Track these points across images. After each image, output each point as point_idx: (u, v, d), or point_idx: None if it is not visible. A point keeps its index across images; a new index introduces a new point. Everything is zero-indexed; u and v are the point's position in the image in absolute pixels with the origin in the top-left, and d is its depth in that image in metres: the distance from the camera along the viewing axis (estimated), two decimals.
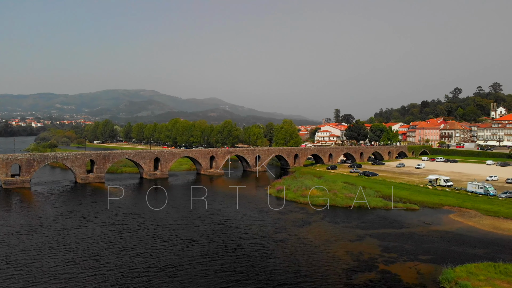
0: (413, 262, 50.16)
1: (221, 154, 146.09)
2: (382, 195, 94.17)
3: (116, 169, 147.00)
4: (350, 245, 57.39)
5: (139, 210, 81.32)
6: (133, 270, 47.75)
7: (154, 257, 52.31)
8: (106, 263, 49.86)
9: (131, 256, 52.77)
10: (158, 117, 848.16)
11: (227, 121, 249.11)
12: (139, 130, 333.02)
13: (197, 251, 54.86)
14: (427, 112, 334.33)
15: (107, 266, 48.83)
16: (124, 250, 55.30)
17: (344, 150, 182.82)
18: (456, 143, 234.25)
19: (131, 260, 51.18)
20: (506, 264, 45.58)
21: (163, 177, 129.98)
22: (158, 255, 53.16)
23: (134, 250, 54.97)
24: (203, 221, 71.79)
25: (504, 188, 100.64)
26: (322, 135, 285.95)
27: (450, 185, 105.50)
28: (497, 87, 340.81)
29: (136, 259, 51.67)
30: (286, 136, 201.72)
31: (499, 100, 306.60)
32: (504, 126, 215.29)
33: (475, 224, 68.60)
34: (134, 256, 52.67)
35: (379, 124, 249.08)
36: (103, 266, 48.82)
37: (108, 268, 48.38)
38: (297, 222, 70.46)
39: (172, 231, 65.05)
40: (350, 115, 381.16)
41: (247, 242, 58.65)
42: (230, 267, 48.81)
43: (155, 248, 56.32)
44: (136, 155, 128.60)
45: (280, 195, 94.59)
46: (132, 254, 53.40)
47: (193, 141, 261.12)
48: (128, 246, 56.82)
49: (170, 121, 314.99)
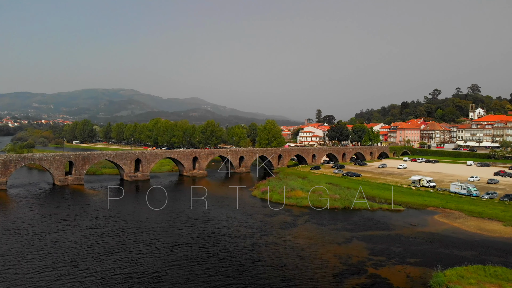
0: (402, 265, 49.51)
1: (204, 155, 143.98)
2: (367, 196, 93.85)
3: (96, 171, 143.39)
4: (337, 248, 56.47)
5: (120, 213, 78.85)
6: (114, 275, 45.79)
7: (136, 262, 50.33)
8: (85, 269, 47.76)
9: (112, 261, 50.72)
10: (138, 117, 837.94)
11: (210, 121, 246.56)
12: (119, 130, 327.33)
13: (181, 255, 53.12)
14: (407, 113, 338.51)
15: (86, 272, 46.78)
16: (104, 254, 53.20)
17: (327, 150, 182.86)
18: (436, 144, 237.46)
19: (112, 265, 49.11)
20: (495, 266, 45.21)
21: (144, 178, 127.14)
22: (140, 260, 51.19)
23: (114, 255, 52.84)
24: (187, 224, 69.93)
25: (486, 188, 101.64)
26: (305, 136, 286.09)
27: (433, 186, 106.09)
28: (475, 88, 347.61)
29: (117, 264, 49.65)
30: (270, 137, 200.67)
31: (477, 101, 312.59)
32: (483, 127, 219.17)
33: (460, 226, 68.63)
34: (114, 261, 50.64)
35: (361, 125, 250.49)
36: (82, 272, 46.72)
37: (88, 274, 46.37)
38: (283, 225, 69.25)
39: (154, 235, 63.04)
40: (331, 115, 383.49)
41: (232, 246, 57.13)
42: (215, 272, 47.26)
43: (137, 252, 54.30)
44: (116, 156, 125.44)
45: (265, 196, 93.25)
46: (112, 259, 51.34)
47: (175, 141, 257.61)
48: (108, 251, 54.68)
49: (151, 121, 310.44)
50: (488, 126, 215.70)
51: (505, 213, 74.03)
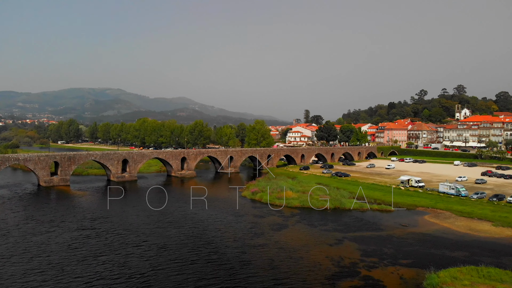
0: (394, 267, 49.12)
1: (193, 155, 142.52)
2: (356, 196, 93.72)
3: (82, 171, 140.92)
4: (329, 250, 55.90)
5: (107, 214, 77.23)
6: (100, 278, 44.54)
7: (123, 264, 49.09)
8: (70, 272, 46.46)
9: (98, 263, 49.44)
10: (125, 116, 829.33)
11: (198, 121, 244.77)
12: (106, 130, 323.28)
13: (169, 257, 51.98)
14: (394, 113, 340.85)
15: (72, 275, 45.49)
16: (90, 257, 51.86)
17: (316, 150, 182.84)
18: (423, 144, 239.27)
19: (98, 268, 47.81)
20: (488, 267, 45.08)
21: (131, 179, 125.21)
22: (127, 262, 49.97)
23: (101, 257, 51.48)
24: (176, 225, 68.70)
25: (474, 188, 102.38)
26: (294, 136, 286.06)
27: (421, 186, 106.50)
28: (461, 89, 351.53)
29: (104, 266, 48.40)
30: (259, 137, 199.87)
31: (463, 102, 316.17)
32: (469, 127, 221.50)
33: (450, 226, 68.71)
34: (101, 264, 49.38)
35: (349, 125, 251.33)
36: (67, 276, 45.37)
37: (73, 277, 45.10)
38: (274, 226, 68.47)
39: (143, 236, 61.76)
40: (319, 115, 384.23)
41: (222, 247, 56.15)
42: (205, 274, 46.26)
43: (124, 254, 53.03)
44: (103, 156, 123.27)
45: (255, 197, 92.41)
46: (99, 262, 50.05)
47: (163, 141, 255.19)
48: (95, 253, 53.32)
49: (138, 121, 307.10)
50: (475, 127, 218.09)
51: (495, 213, 74.42)
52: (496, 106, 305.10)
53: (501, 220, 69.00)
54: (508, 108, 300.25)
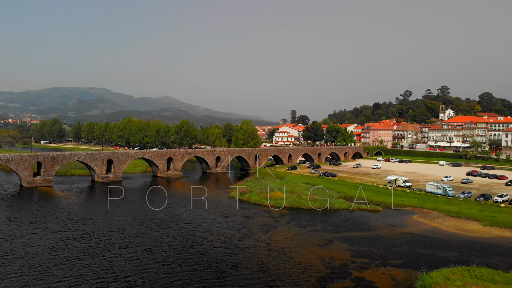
0: (385, 268, 48.68)
1: (179, 155, 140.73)
2: (344, 196, 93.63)
3: (66, 172, 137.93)
4: (320, 251, 55.23)
5: (91, 215, 75.34)
6: (84, 281, 43.05)
7: (108, 267, 47.62)
8: (53, 275, 44.97)
9: (83, 266, 47.94)
10: (109, 116, 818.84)
11: (184, 121, 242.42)
12: (90, 130, 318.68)
13: (156, 259, 50.66)
14: (379, 113, 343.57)
15: (55, 278, 44.01)
16: (74, 259, 50.29)
17: (303, 150, 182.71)
18: (408, 144, 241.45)
19: (82, 270, 46.30)
20: (480, 268, 44.91)
21: (116, 180, 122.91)
22: (113, 264, 48.53)
23: (85, 259, 49.88)
24: (162, 226, 67.21)
25: (460, 188, 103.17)
26: (281, 136, 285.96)
27: (409, 186, 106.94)
28: (445, 90, 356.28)
29: (88, 269, 46.95)
30: (246, 137, 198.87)
31: (447, 102, 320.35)
32: (453, 127, 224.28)
33: (439, 226, 68.78)
34: (85, 266, 47.91)
35: (335, 125, 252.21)
36: (50, 278, 43.85)
37: (56, 279, 43.62)
38: (263, 227, 67.57)
39: (128, 238, 60.25)
40: (305, 116, 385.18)
41: (211, 249, 54.97)
42: (194, 277, 45.12)
43: (110, 256, 51.55)
44: (87, 156, 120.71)
45: (244, 198, 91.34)
46: (83, 264, 48.54)
47: (148, 141, 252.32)
48: (79, 255, 51.73)
49: (123, 121, 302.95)
50: (459, 127, 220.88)
51: (482, 212, 74.86)
52: (480, 107, 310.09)
53: (489, 220, 69.36)
54: (491, 109, 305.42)
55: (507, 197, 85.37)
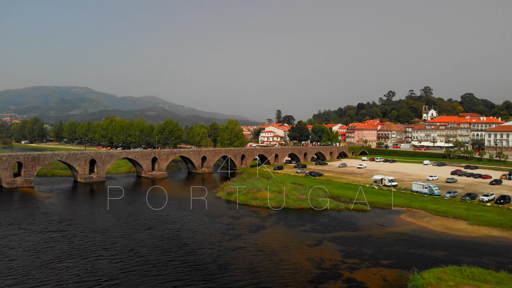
0: (376, 268, 48.10)
1: (164, 155, 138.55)
2: (332, 196, 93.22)
3: (47, 172, 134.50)
4: (310, 251, 54.39)
5: (73, 216, 73.12)
6: (66, 284, 41.38)
7: (91, 269, 45.97)
8: (33, 277, 43.23)
9: (64, 268, 46.22)
10: (92, 115, 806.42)
11: (169, 120, 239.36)
12: (72, 130, 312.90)
13: (142, 262, 49.03)
14: (364, 114, 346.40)
15: (35, 281, 42.29)
16: (55, 261, 48.54)
17: (289, 150, 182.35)
18: (392, 144, 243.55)
19: (64, 273, 44.58)
20: (471, 267, 44.64)
21: (99, 180, 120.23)
22: (96, 266, 46.88)
23: (67, 262, 48.06)
24: (148, 228, 65.50)
25: (445, 187, 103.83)
26: (266, 136, 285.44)
27: (395, 185, 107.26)
28: (428, 90, 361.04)
29: (70, 271, 45.36)
30: (232, 136, 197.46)
31: (430, 103, 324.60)
32: (437, 127, 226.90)
33: (427, 225, 68.72)
34: (67, 269, 46.28)
35: (320, 125, 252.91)
36: (29, 281, 42.11)
37: (36, 283, 41.94)
38: (252, 227, 66.47)
39: (112, 238, 58.56)
40: (291, 116, 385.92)
41: (199, 251, 53.58)
42: (181, 280, 43.74)
43: (93, 258, 49.84)
44: (69, 156, 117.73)
45: (231, 198, 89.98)
46: (65, 266, 46.83)
47: (131, 141, 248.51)
48: (60, 257, 49.93)
49: (106, 120, 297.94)
50: (442, 127, 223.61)
51: (469, 212, 75.17)
52: (462, 107, 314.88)
53: (476, 219, 69.60)
54: (473, 109, 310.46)
55: (492, 196, 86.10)
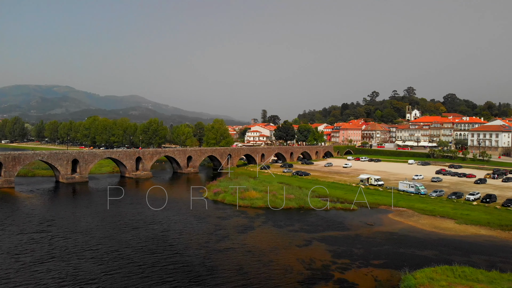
0: (367, 268, 47.53)
1: (148, 155, 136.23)
2: (319, 195, 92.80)
3: (28, 172, 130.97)
4: (299, 252, 53.60)
5: (54, 217, 70.85)
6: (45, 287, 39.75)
7: (72, 272, 44.33)
8: (11, 280, 41.40)
9: (45, 270, 44.57)
10: (74, 115, 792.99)
11: (153, 120, 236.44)
12: (53, 129, 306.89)
13: (127, 265, 47.47)
14: (348, 114, 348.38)
15: (13, 284, 40.56)
16: (35, 264, 46.78)
17: (275, 150, 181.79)
18: (377, 143, 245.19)
19: (44, 275, 43.00)
20: (462, 267, 44.35)
21: (82, 180, 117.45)
22: (78, 269, 45.24)
23: (48, 264, 46.28)
24: (132, 229, 63.73)
25: (431, 186, 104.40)
26: (252, 135, 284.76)
27: (381, 184, 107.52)
28: (411, 91, 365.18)
29: (49, 274, 43.64)
30: (218, 136, 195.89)
31: (413, 103, 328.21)
32: (420, 127, 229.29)
33: (415, 224, 68.68)
34: (47, 271, 44.61)
35: (306, 125, 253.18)
36: (7, 284, 40.39)
37: (14, 286, 40.22)
38: (239, 228, 65.36)
39: (96, 240, 56.74)
40: (276, 116, 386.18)
41: (187, 253, 52.21)
42: (166, 282, 42.42)
43: (75, 259, 48.18)
44: (51, 156, 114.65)
45: (218, 198, 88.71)
46: (46, 268, 45.16)
47: (114, 140, 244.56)
48: (40, 259, 48.11)
49: (88, 119, 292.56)
50: (426, 127, 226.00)
51: (456, 210, 75.48)
52: (444, 108, 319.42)
53: (464, 218, 69.85)
54: (455, 109, 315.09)
55: (478, 195, 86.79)
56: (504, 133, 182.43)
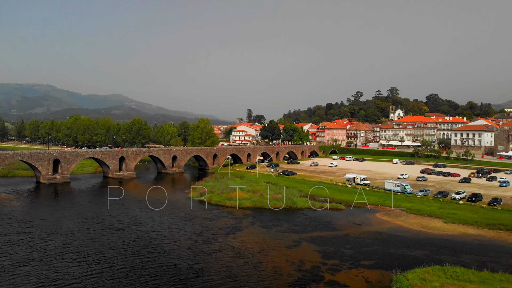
0: (357, 269, 46.82)
1: (132, 155, 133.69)
2: (306, 195, 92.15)
3: (8, 173, 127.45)
4: (288, 253, 52.66)
5: (34, 219, 68.54)
6: None
7: (53, 275, 42.63)
8: None
9: (24, 273, 42.75)
10: (55, 114, 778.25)
11: (136, 119, 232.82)
12: (34, 128, 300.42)
13: (109, 268, 45.85)
14: (332, 113, 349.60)
15: None
16: (14, 267, 44.89)
17: (261, 149, 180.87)
18: (361, 143, 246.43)
19: (24, 278, 41.09)
20: (454, 267, 43.99)
21: (64, 181, 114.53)
22: (60, 272, 43.49)
23: (27, 267, 44.32)
24: (116, 231, 61.94)
25: (416, 185, 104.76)
26: (238, 135, 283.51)
27: (367, 184, 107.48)
28: (394, 91, 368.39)
29: (30, 276, 41.82)
30: (203, 136, 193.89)
31: (397, 103, 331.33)
32: (404, 127, 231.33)
33: (403, 224, 68.44)
34: (27, 275, 42.85)
35: (292, 125, 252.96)
36: None
37: None
38: (227, 229, 64.09)
39: (78, 242, 54.94)
40: (262, 115, 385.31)
41: (173, 256, 50.70)
42: (153, 285, 40.98)
43: (56, 262, 46.26)
44: (31, 156, 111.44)
45: (204, 198, 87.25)
46: (25, 271, 43.30)
47: (97, 140, 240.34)
48: (19, 261, 46.17)
49: (70, 118, 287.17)
50: (409, 127, 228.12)
51: (442, 210, 75.55)
52: (427, 108, 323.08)
53: (451, 217, 69.86)
54: (437, 109, 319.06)
55: (464, 194, 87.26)
56: (487, 133, 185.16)
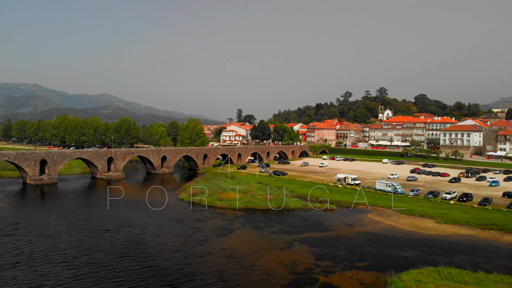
0: (351, 271, 46.29)
1: (121, 155, 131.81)
2: (298, 195, 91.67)
3: None
4: (281, 254, 51.96)
5: (20, 221, 66.90)
6: None
7: (39, 278, 41.35)
8: None
9: (7, 278, 41.52)
10: (42, 113, 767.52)
11: (125, 119, 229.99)
12: (21, 128, 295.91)
13: (98, 270, 44.70)
14: (322, 114, 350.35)
15: None
16: (1, 270, 43.54)
17: (252, 149, 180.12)
18: (351, 143, 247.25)
19: (9, 282, 39.85)
20: (448, 268, 43.70)
21: (51, 182, 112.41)
22: (47, 275, 42.30)
23: (12, 270, 42.93)
24: (105, 234, 60.57)
25: (407, 185, 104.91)
26: (228, 135, 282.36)
27: (358, 184, 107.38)
28: (383, 91, 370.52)
29: (17, 279, 40.54)
30: (193, 136, 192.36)
31: (385, 103, 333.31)
32: (393, 127, 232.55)
33: (395, 224, 68.22)
34: (12, 279, 41.61)
35: (282, 125, 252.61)
36: None
37: None
38: (218, 230, 63.16)
39: (65, 244, 53.68)
40: (252, 115, 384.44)
41: (163, 259, 49.58)
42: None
43: (42, 265, 44.95)
44: (17, 156, 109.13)
45: (195, 199, 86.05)
46: (11, 276, 42.01)
47: (85, 140, 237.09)
48: (4, 266, 44.71)
49: (57, 118, 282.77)
50: (399, 127, 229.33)
51: (434, 210, 75.56)
52: (416, 108, 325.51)
53: (442, 217, 69.80)
54: (426, 109, 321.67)
55: (455, 194, 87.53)
56: (475, 133, 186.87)
